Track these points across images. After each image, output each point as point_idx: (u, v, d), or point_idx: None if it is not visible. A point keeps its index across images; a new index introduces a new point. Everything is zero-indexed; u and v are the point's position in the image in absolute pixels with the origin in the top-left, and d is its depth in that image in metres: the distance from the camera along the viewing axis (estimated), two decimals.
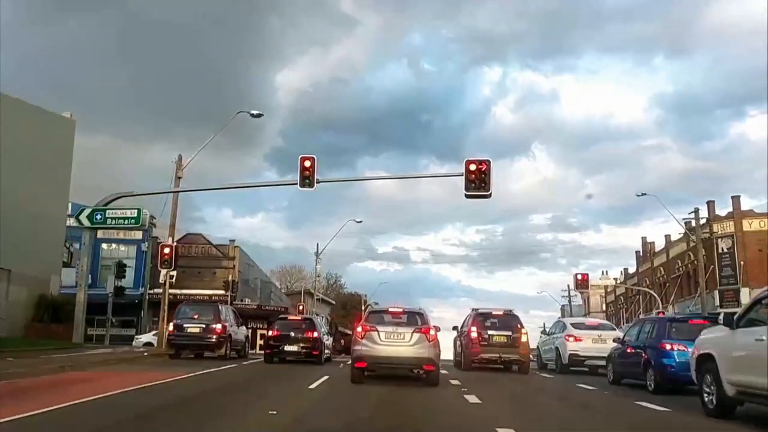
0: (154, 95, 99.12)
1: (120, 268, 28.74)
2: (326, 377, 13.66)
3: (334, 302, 73.68)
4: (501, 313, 18.35)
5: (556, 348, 18.34)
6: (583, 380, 15.34)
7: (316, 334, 19.40)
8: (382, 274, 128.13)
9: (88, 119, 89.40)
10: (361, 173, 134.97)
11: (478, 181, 21.56)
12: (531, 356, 18.70)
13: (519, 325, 17.95)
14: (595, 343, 17.63)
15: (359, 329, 12.39)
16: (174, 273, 26.72)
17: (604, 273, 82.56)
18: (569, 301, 77.33)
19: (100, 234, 44.27)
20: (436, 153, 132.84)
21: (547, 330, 20.84)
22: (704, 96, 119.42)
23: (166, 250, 24.73)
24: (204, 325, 19.16)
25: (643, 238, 59.87)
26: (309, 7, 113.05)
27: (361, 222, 48.54)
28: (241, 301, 44.49)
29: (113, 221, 24.33)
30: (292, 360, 19.42)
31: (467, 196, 21.79)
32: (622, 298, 67.10)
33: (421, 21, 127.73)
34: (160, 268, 25.29)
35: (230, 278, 42.70)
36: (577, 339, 17.67)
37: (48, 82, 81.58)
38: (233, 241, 47.10)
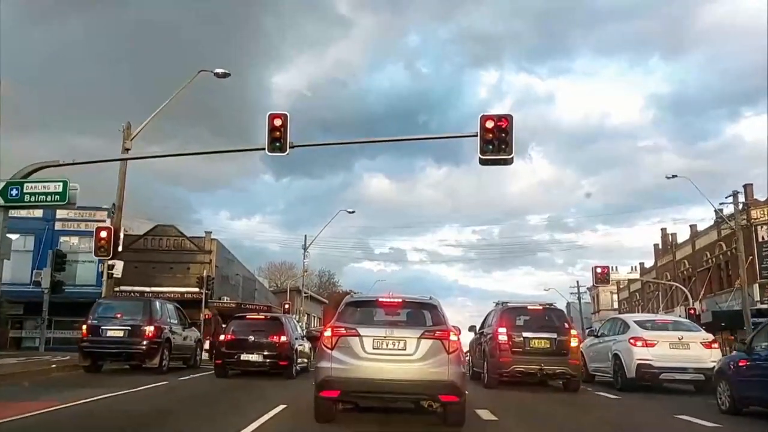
0: (150, 97, 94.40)
1: (58, 259, 23.60)
2: (281, 408, 8.62)
3: (326, 301, 68.51)
4: (539, 307, 13.26)
5: (615, 355, 13.18)
6: (673, 404, 10.37)
7: (284, 339, 14.23)
8: (379, 274, 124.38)
9: (86, 122, 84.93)
10: (358, 174, 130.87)
11: (497, 142, 16.41)
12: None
13: (566, 325, 12.82)
14: (675, 348, 12.48)
15: (327, 333, 7.29)
16: (118, 263, 21.57)
17: (614, 269, 77.87)
18: (579, 299, 72.62)
19: (58, 226, 39.73)
20: (434, 155, 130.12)
21: (596, 330, 15.63)
22: (700, 96, 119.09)
23: (103, 234, 19.59)
24: (129, 327, 14.05)
25: (663, 230, 54.95)
26: (304, 8, 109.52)
27: (353, 212, 43.19)
28: (219, 299, 39.55)
29: (33, 197, 19.08)
30: (254, 372, 14.33)
31: (483, 162, 16.66)
32: (637, 294, 61.98)
33: (417, 23, 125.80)
34: (95, 257, 20.13)
35: (205, 274, 37.46)
36: (648, 343, 12.48)
37: (44, 83, 77.01)
38: (210, 232, 41.87)
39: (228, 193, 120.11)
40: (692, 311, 38.62)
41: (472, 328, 15.31)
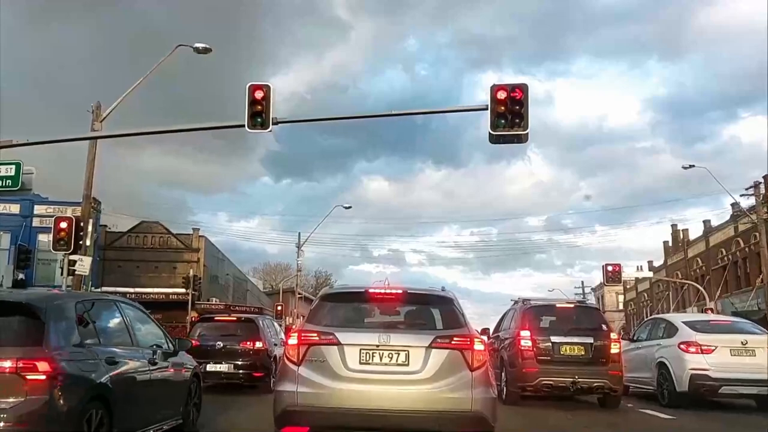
0: (145, 98, 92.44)
1: (21, 255, 21.28)
2: None
3: None
4: (569, 306, 10.98)
5: (660, 364, 10.87)
6: (749, 427, 8.01)
7: (260, 345, 11.88)
8: (377, 276, 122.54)
9: (85, 124, 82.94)
10: (357, 177, 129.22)
11: (510, 115, 14.13)
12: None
13: (604, 327, 10.51)
14: (737, 355, 10.16)
15: (292, 340, 4.99)
16: (85, 259, 19.23)
17: None
18: (583, 299, 70.50)
19: (36, 222, 37.41)
20: (433, 157, 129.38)
21: (633, 333, 13.31)
22: (697, 98, 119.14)
23: (63, 225, 17.35)
24: None
25: (674, 226, 52.38)
26: (302, 11, 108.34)
27: (350, 207, 40.69)
28: (207, 300, 37.27)
29: None
30: (225, 384, 12.00)
31: (494, 138, 14.32)
32: (645, 294, 59.62)
33: (416, 26, 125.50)
34: (53, 251, 17.87)
35: (191, 273, 35.17)
36: (704, 349, 10.17)
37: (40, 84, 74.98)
38: (198, 229, 39.64)
39: (227, 197, 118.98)
40: (709, 311, 36.43)
41: (485, 331, 12.97)
